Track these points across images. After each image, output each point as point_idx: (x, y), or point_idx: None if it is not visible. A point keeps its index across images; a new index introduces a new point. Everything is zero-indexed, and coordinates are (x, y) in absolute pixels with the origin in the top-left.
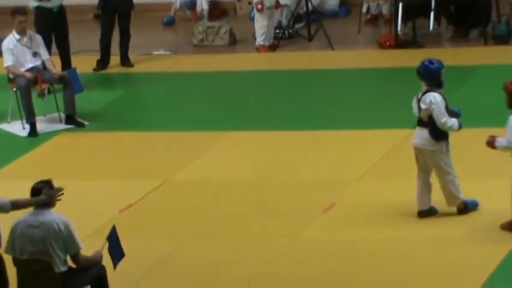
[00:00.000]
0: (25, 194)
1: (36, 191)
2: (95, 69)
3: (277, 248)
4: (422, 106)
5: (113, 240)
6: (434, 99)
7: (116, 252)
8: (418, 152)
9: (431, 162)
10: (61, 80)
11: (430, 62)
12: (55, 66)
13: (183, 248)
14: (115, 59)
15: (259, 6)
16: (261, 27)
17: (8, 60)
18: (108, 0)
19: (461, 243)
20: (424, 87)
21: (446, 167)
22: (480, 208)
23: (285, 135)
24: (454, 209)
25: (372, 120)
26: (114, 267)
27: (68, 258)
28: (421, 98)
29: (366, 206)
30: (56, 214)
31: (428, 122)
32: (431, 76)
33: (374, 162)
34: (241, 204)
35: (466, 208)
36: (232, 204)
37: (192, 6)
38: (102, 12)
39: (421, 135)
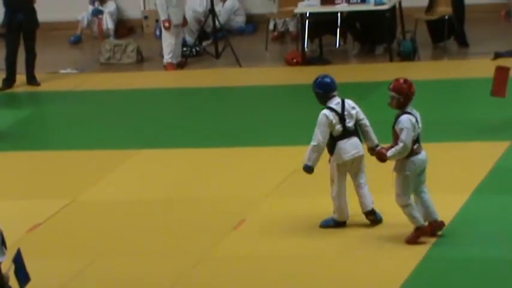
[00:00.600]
0: None
1: None
2: (0, 88)
3: (187, 265)
4: (352, 114)
5: (19, 263)
6: (356, 106)
7: (22, 275)
8: (353, 161)
9: (361, 165)
10: None
11: (325, 76)
12: None
13: (91, 267)
14: (21, 77)
15: (166, 24)
16: (168, 45)
17: None
18: (12, 18)
19: (369, 256)
20: (337, 99)
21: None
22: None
23: (194, 153)
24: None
25: (279, 137)
26: None
27: None
28: (344, 108)
29: (275, 222)
30: None
31: (355, 130)
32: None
33: (282, 178)
34: (150, 222)
35: (375, 213)
36: (142, 223)
37: (98, 24)
38: (6, 31)
39: (356, 144)
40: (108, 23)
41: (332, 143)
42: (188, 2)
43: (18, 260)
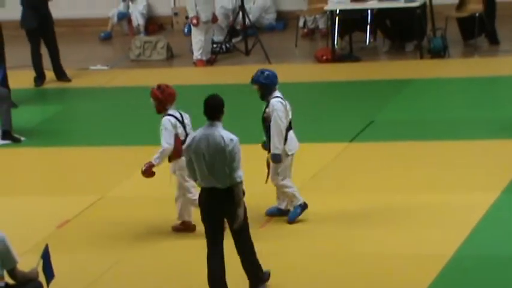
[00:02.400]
0: None
1: None
2: (35, 86)
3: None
4: (289, 107)
5: (46, 259)
6: None
7: (48, 272)
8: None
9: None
10: None
11: (265, 70)
12: None
13: (121, 263)
14: (51, 74)
15: (195, 21)
16: (198, 41)
17: None
18: (31, 17)
19: (395, 255)
20: (278, 92)
21: None
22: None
23: None
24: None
25: (308, 134)
26: (47, 285)
27: (5, 274)
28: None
29: (310, 216)
30: None
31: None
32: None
33: (313, 174)
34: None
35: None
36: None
37: (128, 20)
38: (27, 32)
39: (295, 139)
40: (138, 19)
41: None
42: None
43: (45, 256)
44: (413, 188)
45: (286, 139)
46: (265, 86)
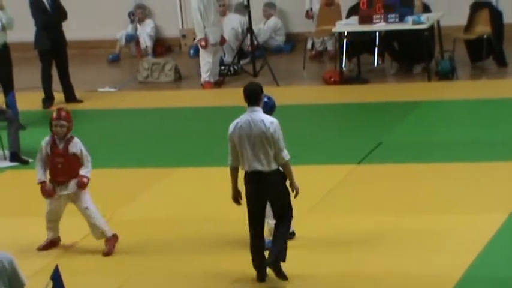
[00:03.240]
0: None
1: None
2: (44, 107)
3: (224, 284)
4: None
5: (56, 280)
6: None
7: None
8: None
9: None
10: (2, 113)
11: (268, 97)
12: None
13: (127, 285)
14: (59, 96)
15: (203, 43)
16: (206, 63)
17: None
18: (44, 38)
19: (408, 273)
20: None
21: None
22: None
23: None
24: None
25: (316, 156)
26: None
27: None
28: None
29: (318, 239)
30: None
31: None
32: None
33: (321, 196)
34: (187, 241)
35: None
36: (178, 241)
37: (136, 42)
38: (40, 53)
39: None
40: (146, 41)
41: None
42: (227, 21)
43: (56, 277)
44: (421, 210)
45: None
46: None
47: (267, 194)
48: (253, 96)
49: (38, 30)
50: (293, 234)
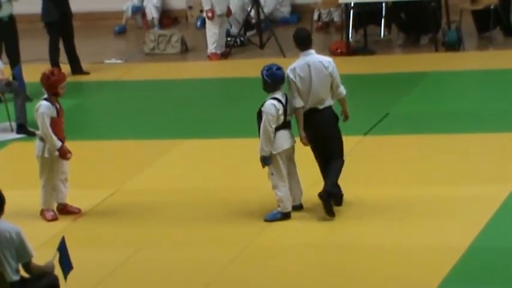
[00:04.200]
0: None
1: None
2: None
3: (232, 254)
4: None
5: (63, 251)
6: None
7: (66, 264)
8: (291, 150)
9: (293, 155)
10: (8, 85)
11: (278, 68)
12: (4, 75)
13: (136, 256)
14: (66, 68)
15: (210, 14)
16: (212, 35)
17: None
18: (51, 10)
19: (410, 247)
20: (281, 92)
21: None
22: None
23: (237, 142)
24: None
25: None
26: (65, 278)
27: (20, 268)
28: (287, 101)
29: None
30: (7, 223)
31: (290, 122)
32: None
33: None
34: (194, 211)
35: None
36: (186, 211)
37: (143, 14)
38: (47, 25)
39: (290, 134)
40: (152, 13)
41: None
42: None
43: (62, 249)
44: (428, 181)
45: (274, 138)
46: (265, 82)
47: (327, 128)
48: (305, 41)
49: (45, 2)
50: (301, 206)
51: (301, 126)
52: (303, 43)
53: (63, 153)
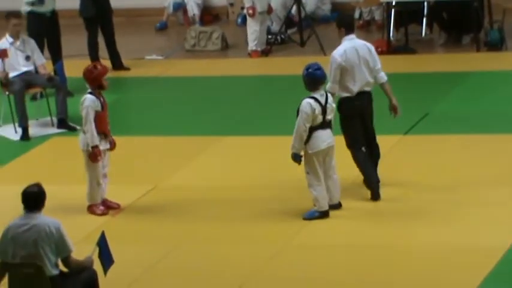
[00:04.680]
0: (16, 198)
1: (27, 195)
2: None
3: (269, 252)
4: (332, 108)
5: (103, 246)
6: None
7: (106, 258)
8: (329, 150)
9: (333, 156)
10: (50, 80)
11: (318, 68)
12: (46, 70)
13: (174, 253)
14: (107, 63)
15: (251, 11)
16: (253, 32)
17: None
18: (89, 6)
19: (448, 250)
20: (322, 91)
21: None
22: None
23: (277, 140)
24: None
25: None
26: (105, 273)
27: (60, 262)
28: (327, 101)
29: (361, 209)
30: (47, 217)
31: (330, 122)
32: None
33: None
34: (232, 209)
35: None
36: (225, 209)
37: (184, 11)
38: (85, 20)
39: (330, 134)
40: (193, 9)
41: (308, 133)
42: None
43: (102, 243)
44: (468, 181)
45: (309, 138)
46: (305, 81)
47: (369, 113)
48: (352, 24)
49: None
50: (339, 205)
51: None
52: (351, 27)
53: (94, 155)
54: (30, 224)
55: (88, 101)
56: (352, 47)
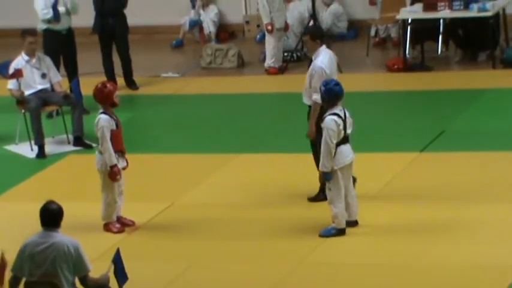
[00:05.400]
0: (33, 216)
1: (47, 212)
2: None
3: (286, 270)
4: (351, 122)
5: (118, 263)
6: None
7: (121, 275)
8: (350, 166)
9: (352, 171)
10: (66, 98)
11: (336, 83)
12: (62, 87)
13: (190, 270)
14: (122, 80)
15: (269, 28)
16: (272, 48)
17: (11, 83)
18: (103, 24)
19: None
20: (340, 106)
21: None
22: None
23: (294, 157)
24: None
25: (379, 143)
26: None
27: (76, 280)
28: (345, 116)
29: (376, 227)
30: (66, 236)
31: (348, 136)
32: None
33: (384, 184)
34: (249, 225)
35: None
36: (241, 226)
37: (200, 28)
38: (99, 38)
39: (350, 149)
40: (209, 27)
41: None
42: (292, 6)
43: (117, 260)
44: (484, 199)
45: (335, 154)
46: (323, 97)
47: None
48: (324, 35)
49: (97, 16)
50: (356, 222)
51: (315, 120)
52: (325, 37)
53: (113, 174)
54: (49, 243)
55: (102, 121)
56: (330, 56)
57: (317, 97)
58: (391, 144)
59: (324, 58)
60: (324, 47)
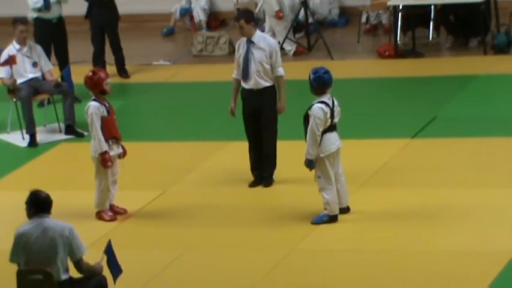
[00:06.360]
0: (24, 204)
1: (39, 198)
2: None
3: (277, 257)
4: (338, 110)
5: (110, 254)
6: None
7: (114, 266)
8: (338, 152)
9: (339, 157)
10: (57, 87)
11: (325, 71)
12: (53, 76)
13: (183, 258)
14: (113, 69)
15: (281, 14)
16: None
17: (2, 71)
18: (93, 13)
19: (456, 251)
20: (328, 95)
21: None
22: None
23: (285, 145)
24: None
25: (370, 130)
26: (114, 281)
27: (71, 266)
28: (333, 104)
29: (367, 214)
30: (58, 221)
31: (335, 124)
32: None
33: (375, 170)
34: (241, 213)
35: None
36: (232, 214)
37: (191, 16)
38: (90, 26)
39: (337, 136)
40: (200, 15)
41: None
42: None
43: (109, 252)
44: (475, 184)
45: (320, 141)
46: (312, 85)
47: None
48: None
49: (89, 4)
50: (348, 209)
51: (285, 93)
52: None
53: (104, 160)
54: (42, 228)
55: (92, 108)
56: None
57: (281, 70)
58: (382, 130)
59: (268, 37)
60: (258, 30)
